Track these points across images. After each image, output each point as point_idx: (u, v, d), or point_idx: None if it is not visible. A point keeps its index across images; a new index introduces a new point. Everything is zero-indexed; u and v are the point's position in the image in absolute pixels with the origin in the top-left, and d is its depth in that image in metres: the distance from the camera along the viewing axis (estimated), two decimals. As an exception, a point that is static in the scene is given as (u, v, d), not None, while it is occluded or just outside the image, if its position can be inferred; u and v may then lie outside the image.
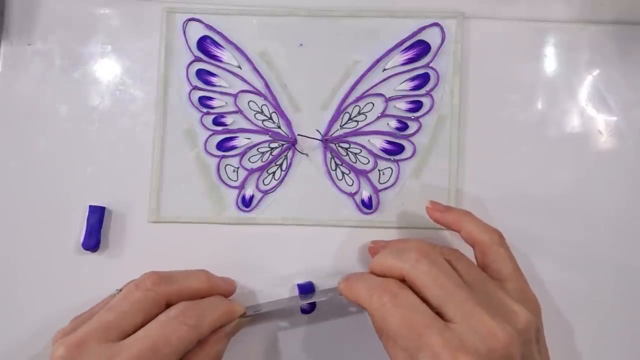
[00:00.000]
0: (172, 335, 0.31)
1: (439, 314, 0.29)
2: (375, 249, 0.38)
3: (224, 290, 0.37)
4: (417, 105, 0.41)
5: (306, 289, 0.39)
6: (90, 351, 0.30)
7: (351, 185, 0.41)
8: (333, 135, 0.41)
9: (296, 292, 0.39)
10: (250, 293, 0.40)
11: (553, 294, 0.40)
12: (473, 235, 0.34)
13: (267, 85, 0.41)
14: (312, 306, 0.40)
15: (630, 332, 0.40)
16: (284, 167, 0.41)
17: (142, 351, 0.30)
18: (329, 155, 0.41)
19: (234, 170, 0.41)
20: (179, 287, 0.34)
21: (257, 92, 0.41)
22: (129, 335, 0.31)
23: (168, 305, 0.33)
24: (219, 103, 0.41)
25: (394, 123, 0.41)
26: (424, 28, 0.41)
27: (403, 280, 0.31)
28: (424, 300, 0.29)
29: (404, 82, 0.41)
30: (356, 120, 0.41)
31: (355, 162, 0.41)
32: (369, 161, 0.41)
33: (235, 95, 0.41)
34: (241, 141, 0.41)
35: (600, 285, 0.40)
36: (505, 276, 0.33)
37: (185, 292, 0.34)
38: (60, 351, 0.30)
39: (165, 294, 0.33)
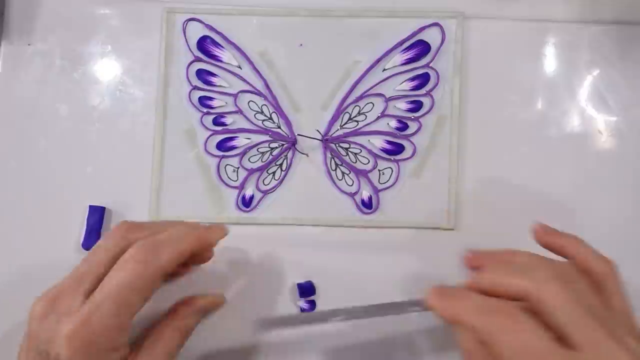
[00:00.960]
0: (128, 276, 0.30)
1: (562, 339, 0.26)
2: (475, 259, 0.32)
3: (205, 236, 0.34)
4: (417, 105, 0.41)
5: (306, 288, 0.39)
6: (64, 303, 0.30)
7: (351, 185, 0.41)
8: (333, 135, 0.41)
9: (296, 292, 0.39)
10: (250, 293, 0.40)
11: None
12: (589, 264, 0.30)
13: (267, 85, 0.41)
14: (312, 306, 0.40)
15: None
16: (284, 167, 0.41)
17: (103, 300, 0.29)
18: (329, 155, 0.41)
19: (234, 170, 0.41)
20: (150, 234, 0.32)
21: (257, 92, 0.41)
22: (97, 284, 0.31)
23: None
24: (219, 103, 0.41)
25: (394, 123, 0.41)
26: (424, 28, 0.41)
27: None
28: (545, 323, 0.26)
29: (404, 82, 0.41)
30: (356, 120, 0.41)
31: (355, 162, 0.41)
32: (369, 161, 0.41)
33: (235, 95, 0.41)
34: (241, 141, 0.41)
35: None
36: (621, 309, 0.30)
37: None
38: (37, 307, 0.30)
39: (137, 240, 0.32)
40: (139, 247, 0.31)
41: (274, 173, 0.41)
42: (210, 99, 0.41)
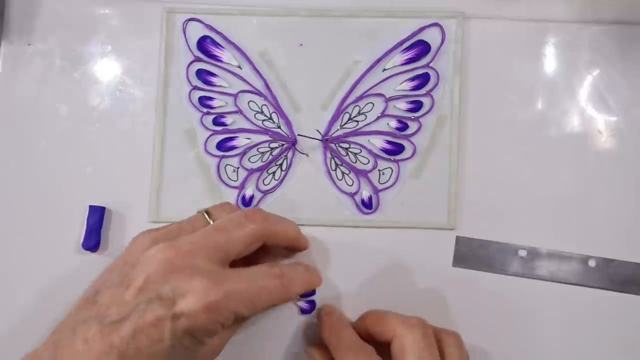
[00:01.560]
0: (268, 290, 0.31)
1: None
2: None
3: (304, 245, 0.38)
4: (417, 105, 0.41)
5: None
6: (198, 265, 0.29)
7: (351, 185, 0.41)
8: (333, 135, 0.41)
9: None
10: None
11: (552, 293, 0.40)
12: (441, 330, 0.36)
13: (267, 85, 0.41)
14: (312, 306, 0.40)
15: (631, 324, 0.40)
16: (284, 167, 0.41)
17: (243, 292, 0.30)
18: (329, 155, 0.41)
19: (234, 170, 0.41)
20: (279, 230, 0.35)
21: (257, 92, 0.41)
22: (230, 262, 0.32)
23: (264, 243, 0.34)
24: (219, 103, 0.41)
25: (394, 123, 0.41)
26: (424, 28, 0.41)
27: (381, 345, 0.34)
28: None
29: (404, 82, 0.41)
30: (356, 120, 0.41)
31: (355, 162, 0.41)
32: (369, 161, 0.41)
33: (235, 95, 0.41)
34: (241, 141, 0.41)
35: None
36: None
37: (282, 237, 0.35)
38: (169, 254, 0.29)
39: (269, 233, 0.34)
40: (284, 274, 0.33)
41: (274, 173, 0.41)
42: (210, 99, 0.41)
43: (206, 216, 0.35)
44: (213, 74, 0.42)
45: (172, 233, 0.33)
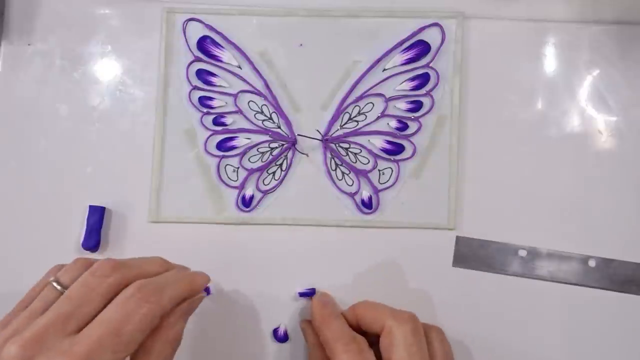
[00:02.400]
0: (132, 314, 0.29)
1: None
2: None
3: (196, 280, 0.35)
4: (417, 105, 0.41)
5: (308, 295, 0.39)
6: (49, 346, 0.27)
7: (351, 185, 0.41)
8: (333, 135, 0.41)
9: (296, 292, 0.39)
10: (249, 293, 0.40)
11: (552, 293, 0.40)
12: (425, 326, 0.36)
13: (267, 85, 0.41)
14: (286, 337, 0.40)
15: (631, 324, 0.40)
16: (284, 167, 0.41)
17: (103, 336, 0.28)
18: (329, 155, 0.41)
19: (234, 170, 0.41)
20: (139, 272, 0.32)
21: (257, 92, 0.41)
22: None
23: None
24: (219, 103, 0.41)
25: (394, 123, 0.41)
26: (424, 28, 0.41)
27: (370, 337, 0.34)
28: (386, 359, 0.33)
29: (404, 82, 0.41)
30: (356, 120, 0.41)
31: (355, 162, 0.41)
32: (369, 161, 0.41)
33: (235, 95, 0.41)
34: (241, 141, 0.41)
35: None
36: None
37: (145, 277, 0.32)
38: (14, 350, 0.27)
39: (125, 280, 0.31)
40: (142, 286, 0.30)
41: (274, 173, 0.41)
42: (210, 99, 0.41)
43: (55, 285, 0.32)
44: (213, 74, 0.42)
45: (24, 320, 0.30)
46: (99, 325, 0.29)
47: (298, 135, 0.41)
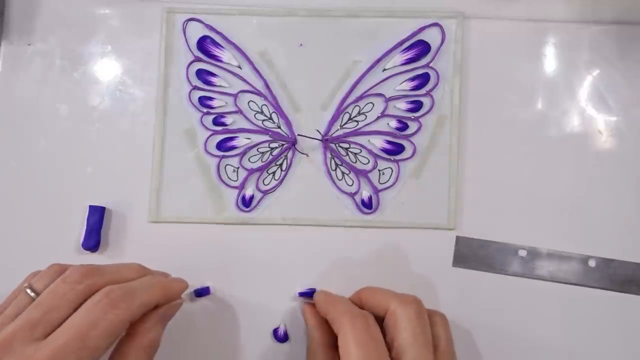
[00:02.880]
0: (98, 319, 0.29)
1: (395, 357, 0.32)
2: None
3: (170, 287, 0.34)
4: (417, 105, 0.41)
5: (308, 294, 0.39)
6: (15, 351, 0.28)
7: (351, 185, 0.41)
8: (333, 135, 0.41)
9: (296, 291, 0.39)
10: (249, 293, 0.40)
11: (552, 293, 0.40)
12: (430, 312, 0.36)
13: (267, 85, 0.41)
14: (286, 337, 0.39)
15: (631, 324, 0.40)
16: (284, 167, 0.41)
17: (68, 341, 0.28)
18: (329, 155, 0.41)
19: (234, 170, 0.41)
20: (111, 279, 0.32)
21: (257, 92, 0.41)
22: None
23: None
24: (219, 103, 0.41)
25: (394, 123, 0.41)
26: (424, 28, 0.41)
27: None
28: (390, 341, 0.32)
29: (404, 82, 0.41)
30: (356, 120, 0.41)
31: (355, 162, 0.41)
32: (369, 161, 0.41)
33: (235, 95, 0.41)
34: (241, 141, 0.41)
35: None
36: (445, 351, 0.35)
37: (118, 284, 0.32)
38: None
39: (96, 286, 0.31)
40: (111, 291, 0.30)
41: (274, 173, 0.41)
42: (210, 99, 0.41)
43: (29, 292, 0.32)
44: (213, 74, 0.42)
45: None
46: (65, 331, 0.29)
47: (298, 135, 0.41)
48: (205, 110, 0.41)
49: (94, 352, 0.29)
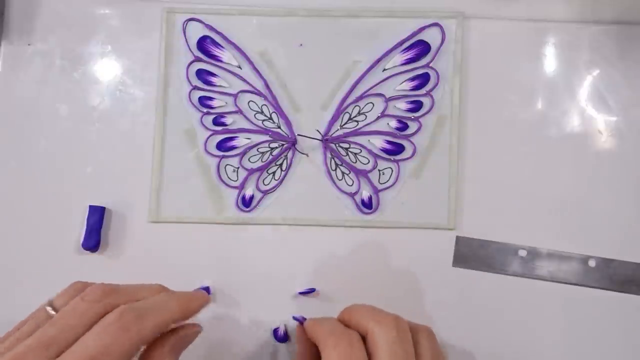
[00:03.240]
0: (109, 345, 0.28)
1: None
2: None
3: (188, 304, 0.33)
4: (417, 105, 0.41)
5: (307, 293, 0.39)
6: None
7: (351, 185, 0.41)
8: (333, 135, 0.41)
9: (296, 291, 0.39)
10: (249, 293, 0.40)
11: (552, 293, 0.40)
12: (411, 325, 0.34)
13: (267, 85, 0.41)
14: (286, 337, 0.39)
15: (631, 324, 0.40)
16: (284, 167, 0.41)
17: None
18: (329, 155, 0.41)
19: (234, 170, 0.41)
20: (129, 299, 0.31)
21: (257, 92, 0.41)
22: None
23: None
24: (219, 103, 0.41)
25: (394, 123, 0.41)
26: (424, 28, 0.41)
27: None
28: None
29: (404, 82, 0.41)
30: (356, 120, 0.41)
31: (355, 162, 0.41)
32: (369, 161, 0.41)
33: (235, 95, 0.41)
34: (241, 141, 0.41)
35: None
36: None
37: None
38: None
39: (113, 306, 0.30)
40: (123, 312, 0.29)
41: (274, 173, 0.41)
42: (210, 99, 0.41)
43: (48, 309, 0.31)
44: (213, 74, 0.42)
45: (13, 342, 0.30)
46: (74, 353, 0.28)
47: (298, 135, 0.41)
48: (205, 110, 0.41)
49: None
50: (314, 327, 0.34)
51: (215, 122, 0.41)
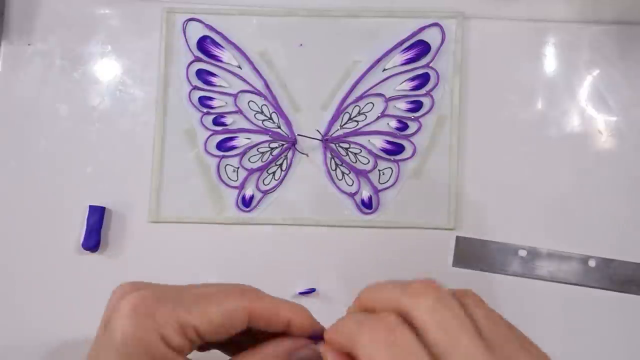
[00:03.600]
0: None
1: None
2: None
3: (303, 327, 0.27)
4: (417, 105, 0.41)
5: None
6: None
7: (351, 185, 0.41)
8: (333, 135, 0.41)
9: (296, 291, 0.39)
10: (250, 293, 0.40)
11: (552, 293, 0.40)
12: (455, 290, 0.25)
13: (267, 85, 0.41)
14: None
15: (631, 324, 0.40)
16: (284, 167, 0.41)
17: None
18: (329, 155, 0.41)
19: (234, 170, 0.41)
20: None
21: (257, 92, 0.41)
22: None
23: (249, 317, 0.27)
24: (219, 103, 0.41)
25: (394, 123, 0.41)
26: (424, 28, 0.41)
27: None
28: (425, 345, 0.23)
29: (404, 82, 0.41)
30: (356, 120, 0.41)
31: (355, 162, 0.41)
32: (369, 161, 0.41)
33: (235, 95, 0.41)
34: (241, 141, 0.41)
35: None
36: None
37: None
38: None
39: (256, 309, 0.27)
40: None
41: (274, 173, 0.41)
42: (210, 99, 0.41)
43: None
44: (213, 74, 0.42)
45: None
46: None
47: (298, 135, 0.41)
48: (205, 110, 0.41)
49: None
50: (336, 332, 0.26)
51: (215, 122, 0.41)
